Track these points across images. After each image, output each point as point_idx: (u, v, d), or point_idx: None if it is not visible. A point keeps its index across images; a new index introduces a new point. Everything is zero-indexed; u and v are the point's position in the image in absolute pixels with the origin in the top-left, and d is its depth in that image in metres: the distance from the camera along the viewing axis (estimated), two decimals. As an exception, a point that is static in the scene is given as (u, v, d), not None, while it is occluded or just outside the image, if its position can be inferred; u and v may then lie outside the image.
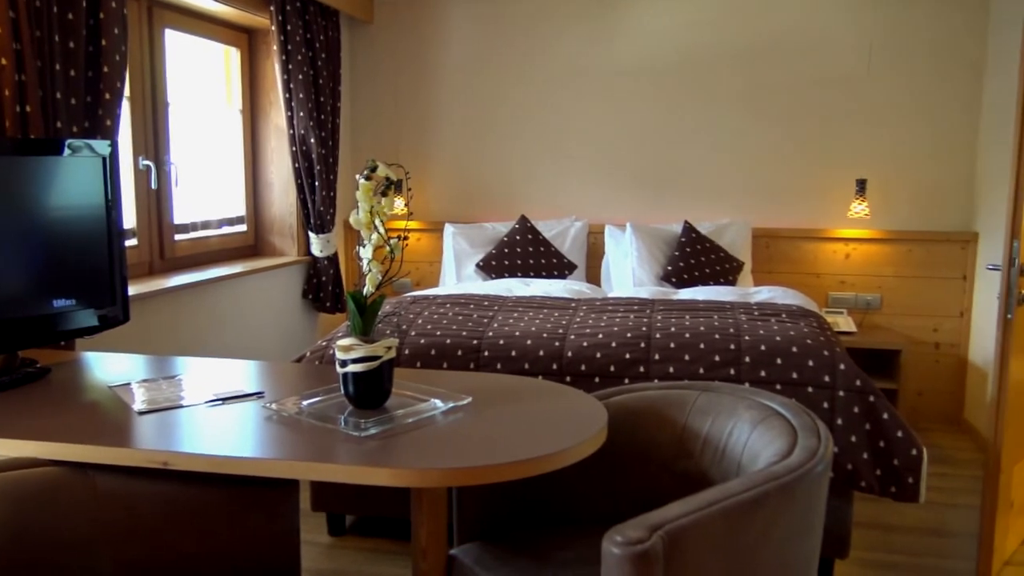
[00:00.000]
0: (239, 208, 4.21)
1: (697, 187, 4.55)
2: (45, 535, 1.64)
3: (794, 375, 2.68)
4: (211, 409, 1.80)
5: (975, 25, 4.16)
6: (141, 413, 1.74)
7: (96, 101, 2.69)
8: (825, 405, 2.62)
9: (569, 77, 4.62)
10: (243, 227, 4.23)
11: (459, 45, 4.73)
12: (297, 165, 4.15)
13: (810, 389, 2.65)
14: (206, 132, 3.91)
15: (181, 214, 3.67)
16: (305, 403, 1.82)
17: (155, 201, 3.49)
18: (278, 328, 4.17)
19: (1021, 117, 2.40)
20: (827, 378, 2.66)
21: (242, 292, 3.84)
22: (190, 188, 3.76)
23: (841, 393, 2.63)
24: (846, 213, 4.30)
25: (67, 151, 2.10)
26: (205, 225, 3.90)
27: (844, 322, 4.12)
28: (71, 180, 2.10)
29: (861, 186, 4.21)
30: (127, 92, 3.30)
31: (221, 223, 4.04)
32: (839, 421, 2.60)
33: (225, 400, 1.85)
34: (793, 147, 4.42)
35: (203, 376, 2.08)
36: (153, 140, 3.45)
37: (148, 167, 3.41)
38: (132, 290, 3.07)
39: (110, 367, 2.16)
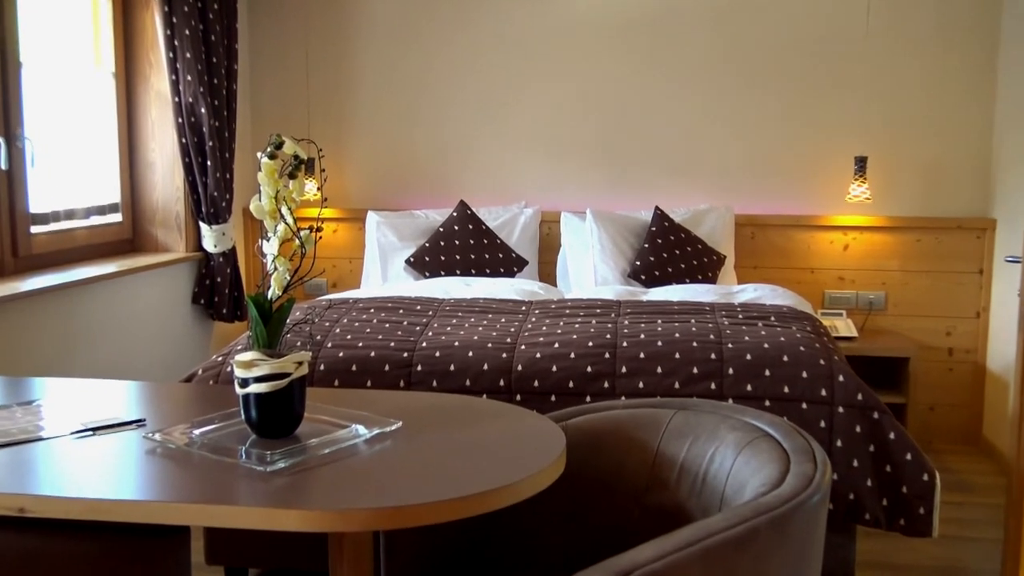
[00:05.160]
0: (112, 194, 4.13)
1: (669, 166, 4.60)
2: None
3: (785, 389, 2.72)
4: (79, 442, 1.76)
5: (990, -24, 4.28)
6: (-10, 448, 1.70)
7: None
8: (822, 424, 2.66)
9: (517, 34, 4.63)
10: (117, 217, 4.15)
11: (383, -5, 4.71)
12: (184, 140, 4.09)
13: (804, 405, 2.69)
14: (70, 100, 3.82)
15: (39, 202, 3.59)
16: (197, 432, 1.80)
17: (5, 186, 3.41)
18: (162, 341, 4.11)
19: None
20: (824, 392, 2.70)
21: (117, 297, 3.77)
22: (50, 169, 3.68)
23: (840, 409, 2.68)
24: (844, 197, 4.39)
25: None
26: (69, 215, 3.81)
27: (843, 325, 4.20)
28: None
29: (861, 165, 4.30)
30: (-31, 50, 3.21)
31: (90, 212, 3.96)
32: (838, 443, 2.64)
33: (97, 430, 1.82)
34: (781, 119, 4.49)
35: (69, 401, 2.03)
36: (2, 110, 3.37)
37: (-4, 143, 3.33)
38: (-23, 296, 2.99)
39: (-50, 392, 2.10)
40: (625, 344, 2.89)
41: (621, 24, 4.55)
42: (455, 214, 4.41)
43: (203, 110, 4.07)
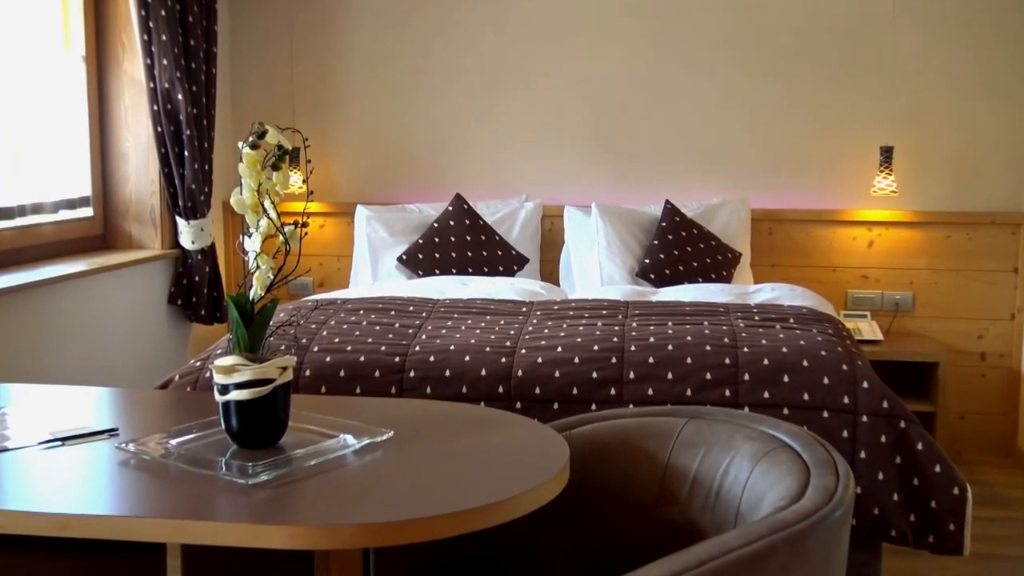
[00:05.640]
0: (83, 187, 4.12)
1: (681, 157, 4.60)
2: None
3: (805, 396, 2.73)
4: (47, 452, 1.76)
5: (1026, -47, 4.28)
6: (-48, 460, 1.70)
7: None
8: (845, 434, 2.67)
9: (519, 15, 4.63)
10: (88, 211, 4.15)
11: (373, -27, 4.71)
12: (160, 129, 4.09)
13: (826, 414, 2.70)
14: (36, 86, 3.81)
15: (3, 195, 3.59)
16: (173, 443, 1.80)
17: (-32, 177, 3.40)
18: (136, 344, 4.10)
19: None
20: (847, 399, 2.71)
21: (87, 297, 3.77)
22: (15, 161, 3.67)
23: (864, 418, 2.68)
24: (868, 190, 4.39)
25: None
26: (36, 209, 3.81)
27: (867, 328, 4.20)
28: None
29: (887, 156, 4.30)
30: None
31: (58, 206, 3.96)
32: (862, 454, 2.65)
33: (66, 440, 1.82)
34: (801, 106, 4.49)
35: (36, 409, 2.03)
36: (-36, 96, 3.37)
37: (-42, 132, 3.33)
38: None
39: (-92, 399, 2.10)
40: (633, 348, 2.89)
41: (629, 3, 4.55)
42: (451, 208, 4.41)
43: (180, 96, 4.07)
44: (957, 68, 4.36)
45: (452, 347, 2.93)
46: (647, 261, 4.16)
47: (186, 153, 4.14)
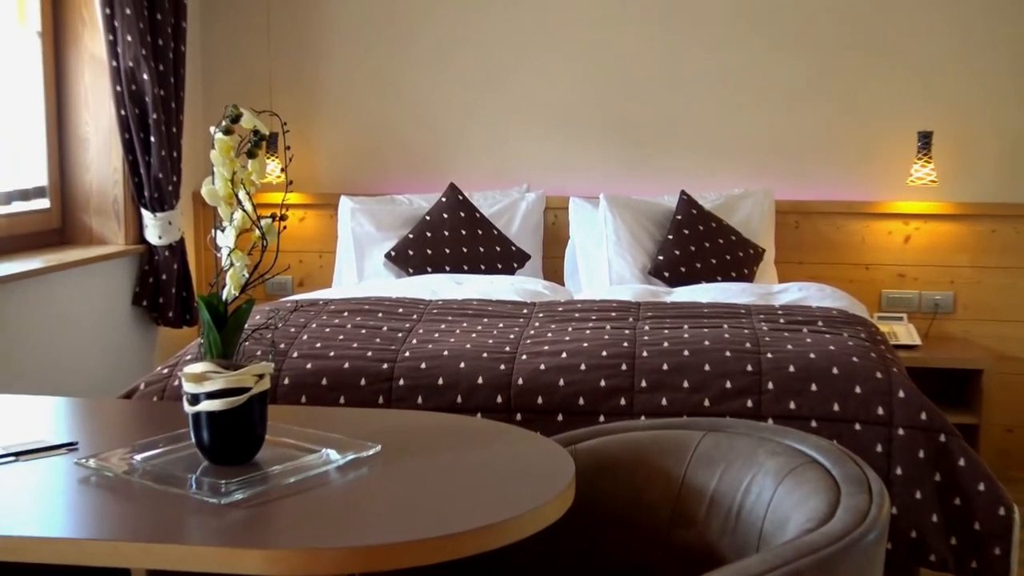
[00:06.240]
0: (38, 176, 4.13)
1: (698, 144, 4.59)
2: None
3: (835, 407, 2.72)
4: (0, 469, 1.76)
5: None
6: None
7: None
8: (879, 448, 2.66)
9: (517, -13, 4.63)
10: (44, 203, 4.15)
11: (359, -60, 4.71)
12: (124, 112, 4.08)
13: (858, 426, 2.70)
14: (-12, 64, 3.83)
15: (-49, 184, 3.60)
16: (138, 458, 1.79)
17: (-88, 165, 3.40)
18: (98, 349, 4.10)
19: None
20: (881, 410, 2.71)
21: (44, 297, 3.77)
22: (-36, 146, 3.68)
23: (901, 431, 2.68)
24: (905, 179, 4.38)
25: None
26: (-13, 200, 3.82)
27: (904, 332, 4.20)
28: None
29: (925, 142, 4.29)
30: None
31: (11, 197, 3.96)
32: (898, 470, 2.65)
33: (20, 455, 1.81)
34: (831, 87, 4.48)
35: (-13, 421, 2.03)
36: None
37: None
38: None
39: None
40: (645, 354, 2.89)
41: (641, -26, 4.56)
42: (444, 200, 4.40)
43: (145, 76, 4.06)
44: (1005, 43, 4.35)
45: (446, 353, 2.92)
46: (661, 258, 4.16)
47: (152, 139, 4.13)
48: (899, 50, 4.41)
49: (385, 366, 2.88)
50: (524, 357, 2.91)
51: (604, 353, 2.90)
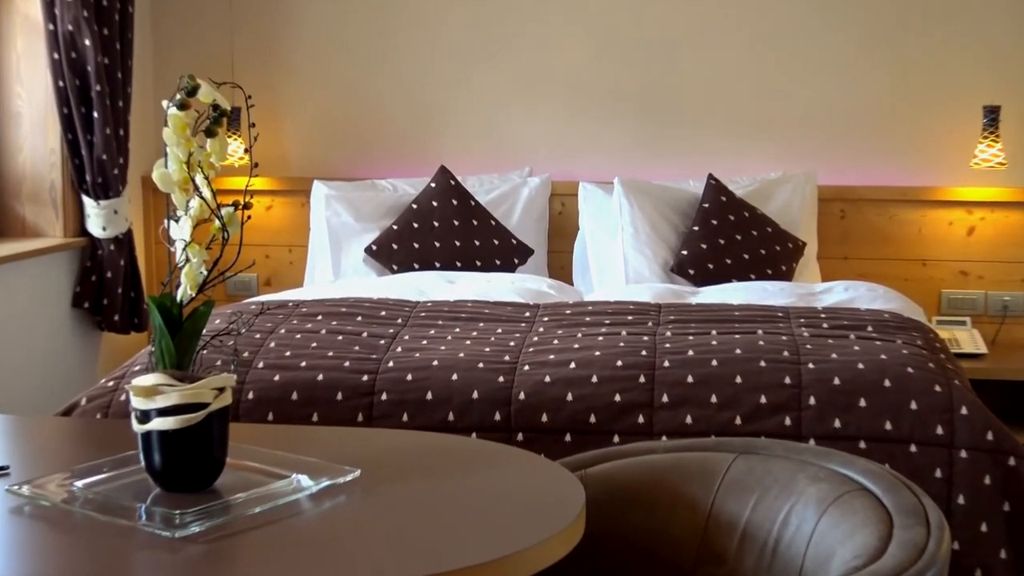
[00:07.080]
0: (-35, 157, 4.13)
1: (727, 121, 4.59)
2: None
3: (888, 426, 2.72)
4: (-85, 498, 1.76)
5: None
6: None
7: None
8: (938, 474, 2.66)
9: (518, -60, 4.63)
10: (-28, 189, 4.16)
11: None
12: (62, 84, 4.09)
13: (913, 448, 2.69)
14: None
15: None
16: (79, 484, 1.80)
17: None
18: (32, 359, 4.11)
19: None
20: (941, 430, 2.70)
21: (-29, 299, 3.77)
22: None
23: (963, 454, 2.67)
24: (968, 162, 4.38)
25: None
26: (-94, 186, 3.82)
27: (967, 338, 4.19)
28: None
29: (992, 118, 4.29)
30: None
31: (-66, 182, 3.97)
32: (960, 499, 2.64)
33: (-59, 482, 1.81)
34: (882, 57, 4.49)
35: (-99, 442, 2.03)
36: None
37: None
38: None
39: None
40: (667, 364, 2.89)
41: (661, -74, 4.56)
42: (433, 185, 4.40)
43: (87, 42, 4.06)
44: (1078, 7, 4.36)
45: (435, 363, 2.92)
46: (685, 253, 4.16)
47: (95, 114, 4.14)
48: (961, 15, 4.41)
49: (365, 378, 2.88)
50: (526, 368, 2.90)
51: (619, 363, 2.90)
